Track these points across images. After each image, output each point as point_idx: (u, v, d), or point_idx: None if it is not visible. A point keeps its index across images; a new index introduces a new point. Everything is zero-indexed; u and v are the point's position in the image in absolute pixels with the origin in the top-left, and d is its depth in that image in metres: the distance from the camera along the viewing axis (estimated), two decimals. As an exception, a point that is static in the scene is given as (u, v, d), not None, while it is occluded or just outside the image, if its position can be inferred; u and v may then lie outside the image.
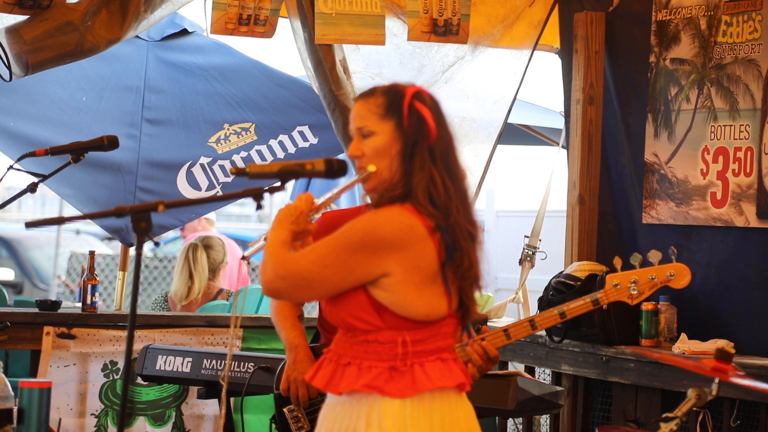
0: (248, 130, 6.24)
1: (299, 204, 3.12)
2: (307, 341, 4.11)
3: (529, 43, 5.95)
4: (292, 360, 4.02)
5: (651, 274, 3.83)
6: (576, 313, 3.84)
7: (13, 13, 5.17)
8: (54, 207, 23.73)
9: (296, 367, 4.01)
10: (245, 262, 3.36)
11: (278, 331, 4.12)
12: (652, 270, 3.84)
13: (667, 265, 3.84)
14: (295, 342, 4.04)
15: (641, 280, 3.82)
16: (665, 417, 3.25)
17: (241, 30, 5.44)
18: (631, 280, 3.82)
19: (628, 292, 3.82)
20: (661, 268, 3.84)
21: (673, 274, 3.84)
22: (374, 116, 3.07)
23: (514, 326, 3.80)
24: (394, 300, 2.99)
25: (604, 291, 3.84)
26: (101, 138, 4.74)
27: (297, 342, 4.04)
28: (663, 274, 3.83)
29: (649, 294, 3.83)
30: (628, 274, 3.84)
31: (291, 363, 4.03)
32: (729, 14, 5.12)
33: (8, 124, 5.96)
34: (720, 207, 5.11)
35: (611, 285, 3.83)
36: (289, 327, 4.08)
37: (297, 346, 4.03)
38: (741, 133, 5.04)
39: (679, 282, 3.85)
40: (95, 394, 5.77)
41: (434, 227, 3.01)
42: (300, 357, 4.02)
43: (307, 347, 4.06)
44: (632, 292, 3.82)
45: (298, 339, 4.06)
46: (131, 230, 3.70)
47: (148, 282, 12.44)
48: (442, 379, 3.03)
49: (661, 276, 3.83)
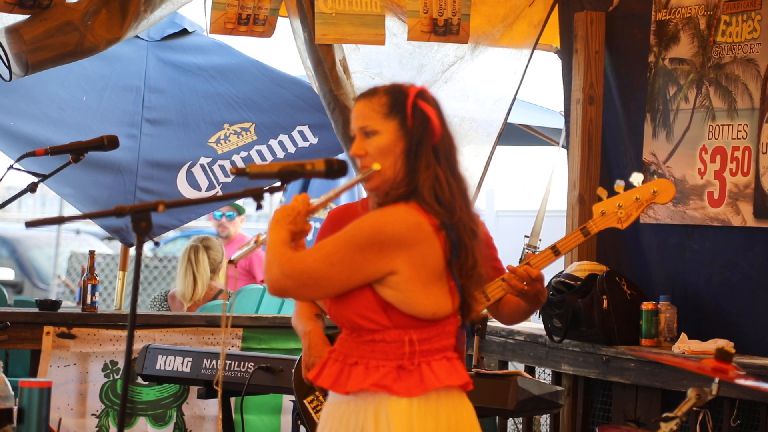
0: (248, 130, 6.24)
1: (296, 204, 3.12)
2: (321, 329, 4.06)
3: (529, 43, 5.96)
4: (307, 346, 3.99)
5: (635, 194, 3.86)
6: (569, 246, 3.86)
7: (13, 12, 5.17)
8: (54, 207, 23.73)
9: (311, 352, 3.98)
10: (233, 265, 3.35)
11: (296, 328, 4.10)
12: (635, 191, 3.86)
13: (649, 183, 3.88)
14: (306, 329, 4.02)
15: (626, 203, 3.84)
16: (665, 417, 3.25)
17: (240, 29, 5.44)
18: (616, 204, 3.84)
19: (616, 216, 3.84)
20: (644, 187, 3.87)
21: (657, 191, 3.87)
22: (378, 115, 3.07)
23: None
24: (401, 298, 3.00)
25: (593, 220, 3.86)
26: (101, 138, 4.74)
27: (309, 328, 4.02)
28: (647, 192, 3.86)
29: (637, 215, 3.85)
30: (612, 200, 3.86)
31: (306, 350, 4.00)
32: (728, 14, 5.12)
33: (8, 124, 5.96)
34: (717, 206, 5.11)
35: (599, 213, 3.85)
36: (304, 320, 4.08)
37: (309, 332, 4.01)
38: (739, 132, 5.04)
39: (663, 197, 3.88)
40: (95, 394, 5.77)
41: (440, 225, 3.02)
42: (314, 341, 3.99)
43: (319, 331, 4.02)
44: (620, 216, 3.83)
45: (310, 325, 4.04)
46: (131, 230, 3.69)
47: (148, 282, 12.44)
48: (449, 378, 3.04)
49: (645, 194, 3.86)
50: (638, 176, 3.88)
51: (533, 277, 3.65)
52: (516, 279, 3.66)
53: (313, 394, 4.25)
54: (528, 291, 3.65)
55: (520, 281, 3.65)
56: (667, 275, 5.38)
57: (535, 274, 3.66)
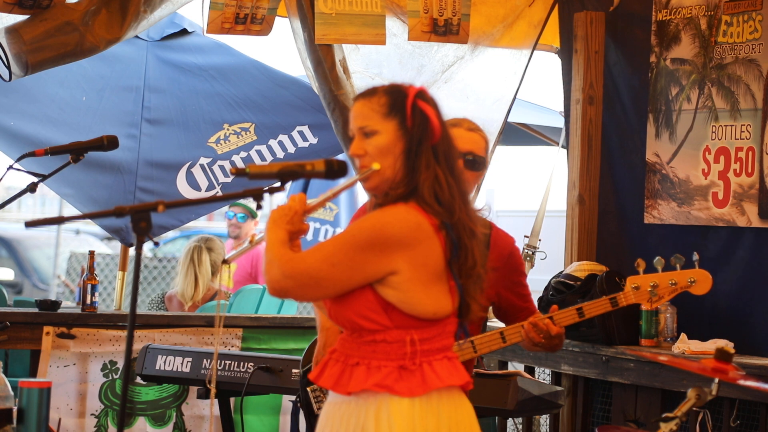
0: (248, 130, 6.23)
1: (293, 204, 3.12)
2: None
3: (528, 43, 5.95)
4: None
5: (672, 278, 3.80)
6: (595, 312, 3.83)
7: (12, 12, 5.16)
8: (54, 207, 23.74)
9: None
10: (226, 266, 3.34)
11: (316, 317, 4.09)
12: (673, 275, 3.80)
13: (688, 271, 3.81)
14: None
15: (662, 284, 3.79)
16: (665, 417, 3.25)
17: (237, 29, 5.44)
18: (651, 283, 3.79)
19: (648, 295, 3.80)
20: (683, 274, 3.80)
21: (694, 280, 3.82)
22: (377, 115, 3.07)
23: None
24: (402, 298, 3.00)
25: (624, 293, 3.83)
26: (101, 138, 4.74)
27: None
28: (684, 280, 3.81)
29: (668, 298, 3.81)
30: (648, 277, 3.81)
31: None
32: (729, 14, 5.12)
33: (8, 124, 5.96)
34: (722, 207, 5.11)
35: (631, 287, 3.81)
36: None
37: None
38: (742, 133, 5.04)
39: (700, 288, 3.84)
40: (95, 394, 5.77)
41: (439, 225, 3.02)
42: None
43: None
44: (652, 296, 3.79)
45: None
46: (131, 230, 3.69)
47: (147, 282, 12.44)
48: (451, 378, 3.05)
49: (681, 281, 3.80)
50: (679, 259, 3.82)
51: (552, 335, 3.65)
52: (534, 332, 3.65)
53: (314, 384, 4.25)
54: (544, 344, 3.66)
55: (538, 334, 3.65)
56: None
57: (555, 332, 3.65)
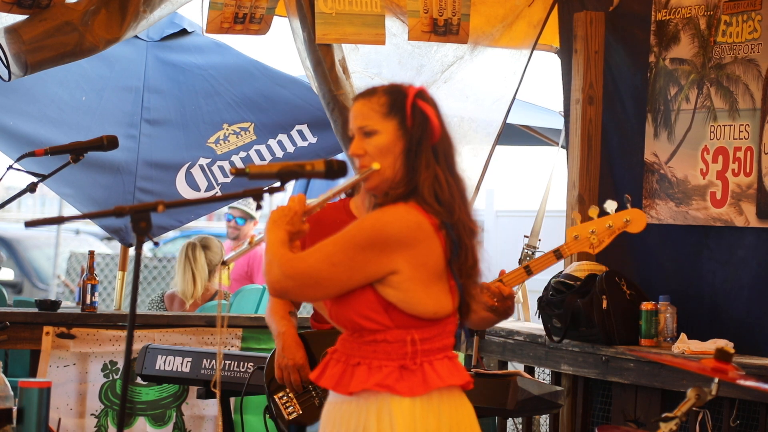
0: (247, 130, 6.23)
1: (293, 205, 3.12)
2: (295, 329, 4.27)
3: (528, 43, 5.95)
4: (281, 347, 4.21)
5: (608, 222, 4.00)
6: (541, 267, 3.98)
7: (12, 12, 5.16)
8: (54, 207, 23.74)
9: (285, 353, 4.22)
10: (225, 267, 3.36)
11: (269, 326, 4.33)
12: (608, 218, 4.00)
13: (622, 212, 4.01)
14: (281, 330, 4.24)
15: (599, 229, 3.98)
16: (665, 417, 3.25)
17: (236, 28, 5.44)
18: (589, 230, 3.98)
19: (588, 241, 3.98)
20: (618, 215, 4.01)
21: (629, 220, 4.01)
22: (377, 115, 3.07)
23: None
24: (402, 297, 3.00)
25: (566, 243, 4.00)
26: (101, 138, 4.74)
27: (283, 329, 4.24)
28: (620, 221, 4.00)
29: (609, 241, 3.99)
30: (586, 225, 4.00)
31: (280, 351, 4.22)
32: (728, 14, 5.12)
33: (8, 124, 5.96)
34: (720, 207, 5.11)
35: (572, 237, 3.99)
36: (278, 319, 4.28)
37: (284, 333, 4.23)
38: (741, 132, 5.04)
39: (635, 226, 4.03)
40: (95, 394, 5.77)
41: (439, 225, 3.03)
42: (287, 343, 4.21)
43: (294, 334, 4.24)
44: (592, 241, 3.98)
45: (285, 327, 4.27)
46: (131, 230, 3.70)
47: (147, 282, 12.44)
48: (452, 377, 3.05)
49: (617, 223, 4.00)
50: (612, 204, 4.00)
51: (504, 295, 3.70)
52: (488, 295, 3.69)
53: (283, 390, 4.36)
54: (498, 308, 3.70)
55: (492, 297, 3.69)
56: (669, 275, 5.37)
57: (507, 292, 3.74)
